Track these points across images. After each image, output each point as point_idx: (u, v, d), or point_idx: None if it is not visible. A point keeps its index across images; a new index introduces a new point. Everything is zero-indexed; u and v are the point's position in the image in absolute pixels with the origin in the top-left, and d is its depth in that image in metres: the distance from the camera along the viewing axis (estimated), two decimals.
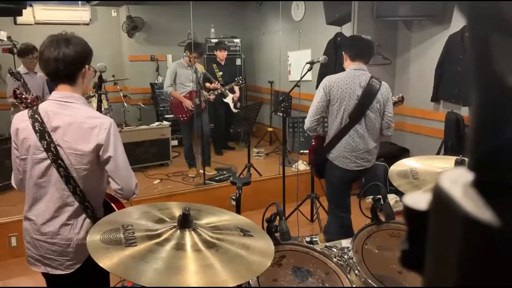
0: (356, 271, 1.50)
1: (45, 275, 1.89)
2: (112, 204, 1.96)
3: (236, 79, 5.84)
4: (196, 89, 5.21)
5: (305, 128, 3.03)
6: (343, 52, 3.03)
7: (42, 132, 1.72)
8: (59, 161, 1.72)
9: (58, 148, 1.72)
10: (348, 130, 2.87)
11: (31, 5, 6.09)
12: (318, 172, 3.22)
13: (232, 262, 1.21)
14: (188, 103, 5.21)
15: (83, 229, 1.81)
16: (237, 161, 5.81)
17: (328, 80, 2.89)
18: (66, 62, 1.73)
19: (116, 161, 1.77)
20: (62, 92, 1.78)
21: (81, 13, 6.12)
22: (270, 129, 6.95)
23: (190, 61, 5.14)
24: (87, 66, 1.83)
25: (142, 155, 5.60)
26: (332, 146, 2.94)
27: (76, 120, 1.73)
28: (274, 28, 6.70)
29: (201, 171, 5.24)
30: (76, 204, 1.78)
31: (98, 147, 1.74)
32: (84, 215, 1.81)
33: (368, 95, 2.83)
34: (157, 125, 5.79)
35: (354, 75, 2.86)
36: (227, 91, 6.04)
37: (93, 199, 1.84)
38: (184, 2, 5.72)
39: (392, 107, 2.99)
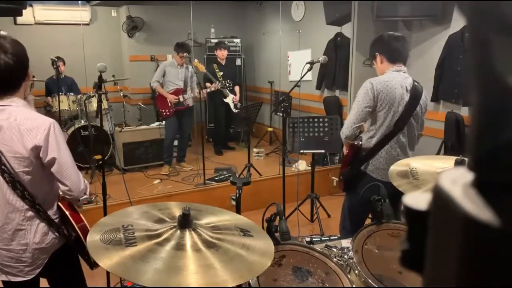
0: (356, 271, 1.50)
1: (7, 283, 1.82)
2: (66, 212, 1.85)
3: (223, 81, 5.83)
4: (184, 87, 5.35)
5: (344, 136, 2.64)
6: (376, 53, 2.65)
7: None
8: (3, 167, 1.67)
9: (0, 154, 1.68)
10: (391, 138, 2.57)
11: (31, 5, 6.08)
12: (349, 185, 2.81)
13: (232, 262, 1.21)
14: (171, 98, 5.29)
15: (38, 232, 1.77)
16: (237, 161, 5.82)
17: (374, 82, 2.52)
18: (8, 73, 1.67)
19: (60, 161, 1.72)
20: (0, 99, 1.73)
21: (81, 13, 6.13)
22: (270, 129, 6.95)
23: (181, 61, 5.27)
24: (30, 71, 1.77)
25: (142, 155, 5.61)
26: (372, 157, 2.62)
27: (14, 123, 1.67)
28: (274, 28, 6.70)
29: (186, 167, 5.28)
30: (27, 208, 1.74)
31: (37, 148, 1.68)
32: (37, 219, 1.77)
33: (413, 100, 2.55)
34: (157, 125, 5.79)
35: (398, 78, 2.55)
36: (227, 91, 6.06)
37: (45, 201, 1.79)
38: (184, 2, 5.74)
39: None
